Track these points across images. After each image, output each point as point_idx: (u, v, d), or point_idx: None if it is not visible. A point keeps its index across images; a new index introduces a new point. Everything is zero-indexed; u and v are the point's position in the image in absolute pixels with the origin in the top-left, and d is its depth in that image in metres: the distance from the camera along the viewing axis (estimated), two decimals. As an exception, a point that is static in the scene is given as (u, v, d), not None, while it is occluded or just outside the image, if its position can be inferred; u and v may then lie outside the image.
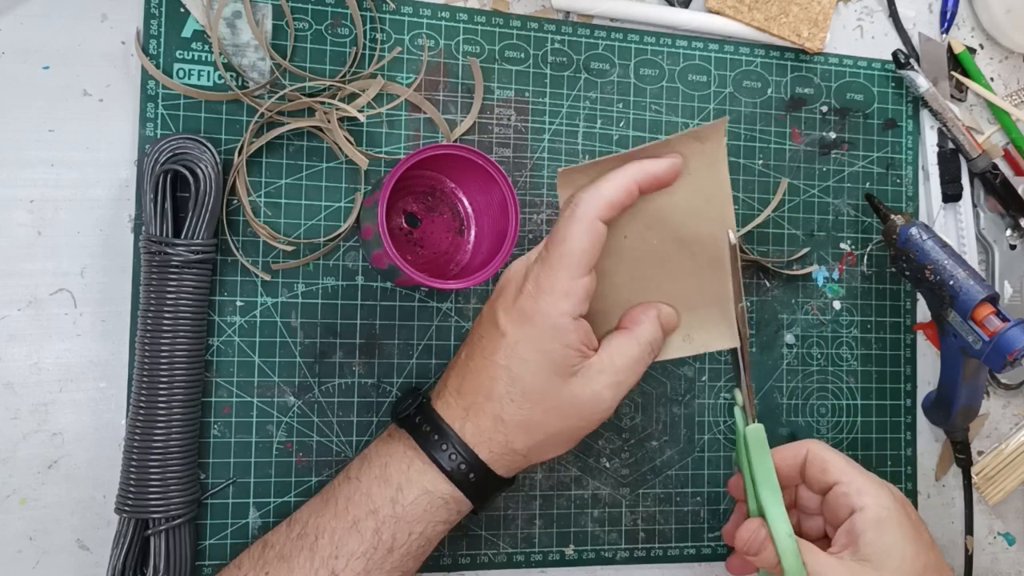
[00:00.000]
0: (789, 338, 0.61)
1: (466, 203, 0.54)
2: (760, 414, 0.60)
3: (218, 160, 0.48)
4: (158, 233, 0.47)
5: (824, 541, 0.51)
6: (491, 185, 0.48)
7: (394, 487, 0.45)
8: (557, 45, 0.57)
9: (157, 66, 0.50)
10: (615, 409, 0.45)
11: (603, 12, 0.58)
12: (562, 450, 0.46)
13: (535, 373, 0.43)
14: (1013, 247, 0.65)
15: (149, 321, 0.47)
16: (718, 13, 0.60)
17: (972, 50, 0.67)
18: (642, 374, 0.45)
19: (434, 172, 0.53)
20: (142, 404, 0.47)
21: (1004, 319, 0.54)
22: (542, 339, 0.42)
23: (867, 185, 0.63)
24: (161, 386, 0.47)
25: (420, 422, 0.46)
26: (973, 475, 0.64)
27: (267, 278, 0.51)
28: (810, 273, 0.61)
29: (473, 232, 0.54)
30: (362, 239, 0.52)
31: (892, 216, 0.59)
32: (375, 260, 0.51)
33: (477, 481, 0.45)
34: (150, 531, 0.46)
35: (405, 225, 0.53)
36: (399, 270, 0.45)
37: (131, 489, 0.46)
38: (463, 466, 0.44)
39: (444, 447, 0.44)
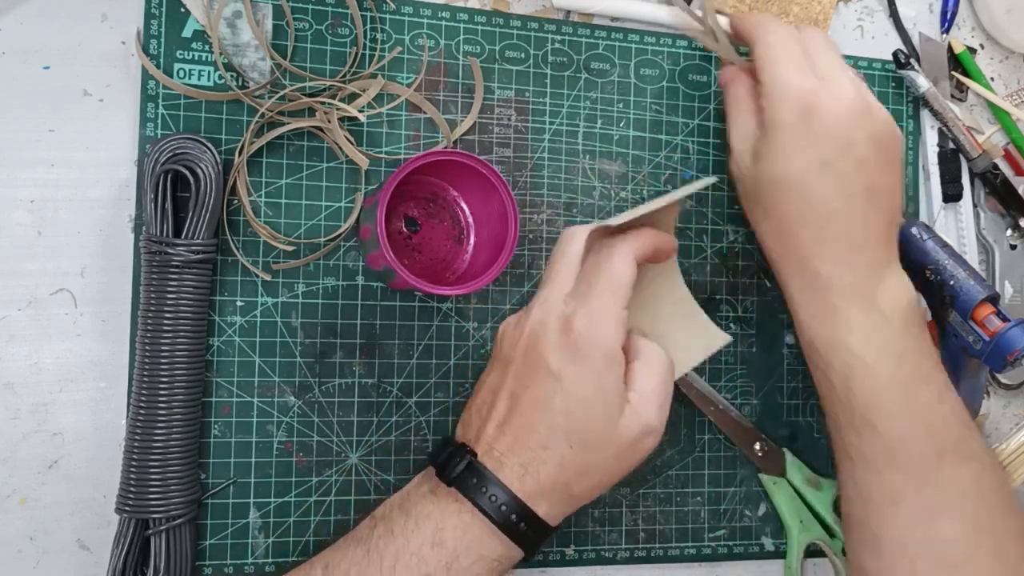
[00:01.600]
0: (789, 339, 0.61)
1: (467, 211, 0.54)
2: (760, 414, 0.60)
3: (218, 160, 0.48)
4: (158, 233, 0.47)
5: None
6: (492, 193, 0.48)
7: (449, 552, 0.42)
8: (557, 45, 0.57)
9: (157, 66, 0.50)
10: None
11: (603, 11, 0.58)
12: (615, 482, 0.45)
13: (593, 415, 0.42)
14: (1014, 247, 0.65)
15: (149, 321, 0.47)
16: (719, 12, 0.60)
17: (972, 50, 0.67)
18: (673, 391, 0.46)
19: (436, 178, 0.53)
20: (142, 404, 0.47)
21: (1004, 319, 0.54)
22: (598, 374, 0.42)
23: (867, 185, 0.63)
24: (161, 386, 0.47)
25: (477, 483, 0.43)
26: (973, 475, 0.64)
27: (267, 278, 0.51)
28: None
29: (472, 240, 0.53)
30: (360, 239, 0.52)
31: (892, 216, 0.59)
32: (371, 261, 0.51)
33: (535, 538, 0.44)
34: (150, 531, 0.46)
35: (405, 229, 0.53)
36: (394, 273, 0.45)
37: (131, 489, 0.46)
38: (523, 525, 0.43)
39: (503, 508, 0.42)
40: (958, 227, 0.64)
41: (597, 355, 0.42)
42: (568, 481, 0.43)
